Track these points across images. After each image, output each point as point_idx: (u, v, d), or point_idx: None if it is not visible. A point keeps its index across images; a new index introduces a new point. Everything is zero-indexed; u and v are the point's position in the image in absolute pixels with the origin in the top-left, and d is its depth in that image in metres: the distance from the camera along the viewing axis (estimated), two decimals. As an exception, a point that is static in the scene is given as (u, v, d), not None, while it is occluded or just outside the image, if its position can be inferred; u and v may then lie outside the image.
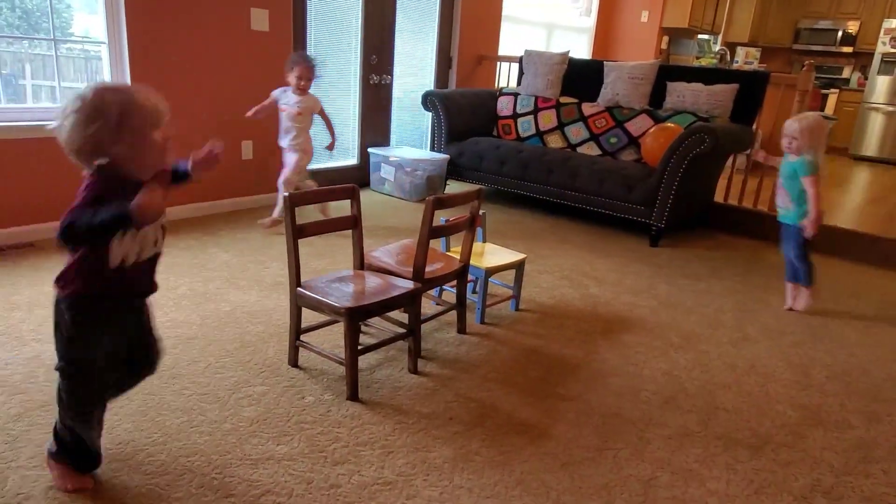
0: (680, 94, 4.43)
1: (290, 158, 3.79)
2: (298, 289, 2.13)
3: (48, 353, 2.22)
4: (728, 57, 7.87)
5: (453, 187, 5.18)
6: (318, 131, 3.92)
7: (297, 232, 2.10)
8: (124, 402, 1.95)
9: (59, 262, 3.09)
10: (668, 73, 4.60)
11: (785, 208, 3.07)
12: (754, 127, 4.42)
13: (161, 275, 3.00)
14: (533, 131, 5.01)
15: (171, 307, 2.66)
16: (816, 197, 2.91)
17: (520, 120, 5.10)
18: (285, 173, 3.78)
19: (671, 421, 2.10)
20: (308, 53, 4.04)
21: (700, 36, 8.25)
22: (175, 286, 2.87)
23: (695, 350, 2.64)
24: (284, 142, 3.82)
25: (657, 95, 4.58)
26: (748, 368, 2.52)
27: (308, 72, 3.68)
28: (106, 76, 3.51)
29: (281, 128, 3.82)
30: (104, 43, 3.46)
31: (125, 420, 1.87)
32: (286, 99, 3.75)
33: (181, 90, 3.75)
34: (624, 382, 2.32)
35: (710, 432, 2.06)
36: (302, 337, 2.25)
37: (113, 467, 1.67)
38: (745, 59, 7.71)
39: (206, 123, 3.91)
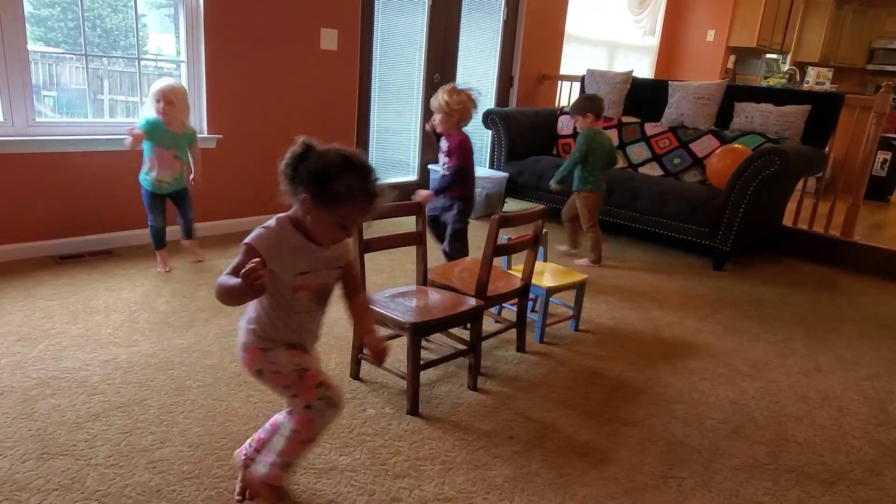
0: (748, 114, 4.33)
1: None
2: (363, 302, 2.16)
3: (124, 355, 2.32)
4: (797, 77, 7.64)
5: (511, 205, 5.18)
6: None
7: (364, 246, 2.14)
8: (195, 406, 2.03)
9: (134, 270, 3.23)
10: (735, 93, 4.50)
11: (175, 178, 3.18)
12: (826, 150, 4.27)
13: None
14: (593, 150, 4.96)
15: (238, 316, 2.73)
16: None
17: (580, 139, 5.06)
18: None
19: (739, 451, 2.03)
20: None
21: (768, 55, 8.05)
22: (241, 295, 2.96)
23: (763, 379, 2.55)
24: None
25: (724, 116, 4.48)
26: (821, 400, 2.42)
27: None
28: (183, 93, 3.68)
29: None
30: (182, 61, 3.63)
31: (195, 424, 1.93)
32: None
33: (252, 106, 3.89)
34: (689, 409, 2.26)
35: (781, 465, 1.98)
36: (363, 350, 2.28)
37: (184, 470, 1.72)
38: (817, 79, 7.44)
39: (275, 138, 4.05)
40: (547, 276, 2.76)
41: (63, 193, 3.30)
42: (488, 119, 5.03)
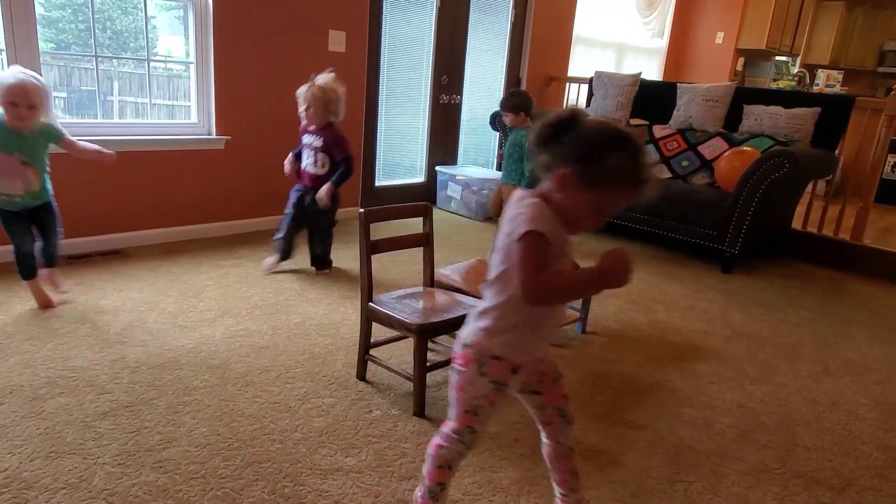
0: (757, 117, 4.31)
1: None
2: (370, 304, 2.16)
3: (133, 355, 2.33)
4: (807, 79, 7.60)
5: (518, 207, 5.17)
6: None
7: (371, 248, 2.14)
8: (201, 406, 2.03)
9: (143, 270, 3.24)
10: (744, 95, 4.48)
11: (30, 192, 2.54)
12: (836, 153, 4.24)
13: (235, 285, 3.12)
14: (601, 153, 4.95)
15: (244, 316, 2.75)
16: None
17: (588, 141, 5.05)
18: None
19: (747, 456, 2.02)
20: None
21: (778, 58, 8.01)
22: (248, 296, 2.97)
23: (772, 383, 2.53)
24: None
25: (732, 118, 4.46)
26: (830, 405, 2.40)
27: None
28: (192, 93, 3.70)
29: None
30: (192, 63, 3.65)
31: (202, 424, 1.94)
32: None
33: (260, 108, 3.90)
34: (696, 413, 2.25)
35: (790, 470, 1.96)
36: (370, 351, 2.28)
37: (191, 469, 1.73)
38: (827, 81, 7.41)
39: (284, 138, 4.06)
40: (554, 278, 2.75)
41: (72, 193, 3.32)
42: (496, 121, 5.03)
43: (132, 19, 3.55)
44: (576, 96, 5.94)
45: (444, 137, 5.24)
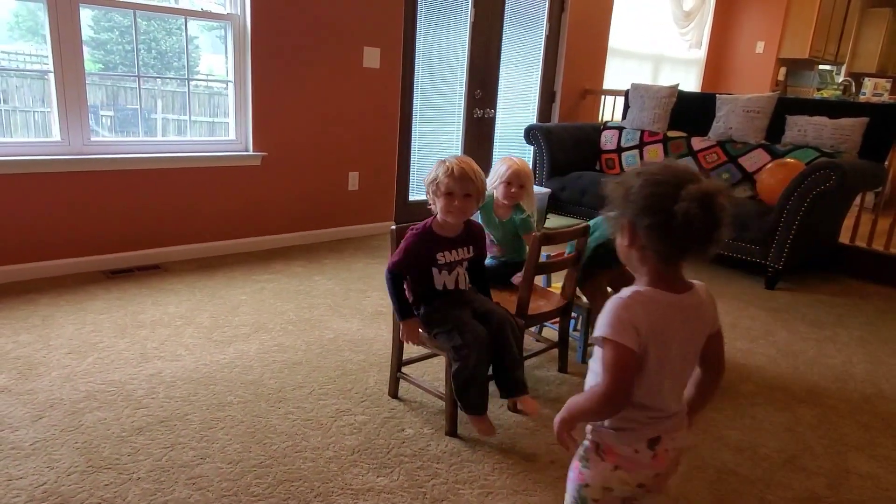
0: (801, 128, 4.18)
1: None
2: (402, 320, 2.14)
3: (168, 370, 2.35)
4: (853, 88, 7.37)
5: (553, 221, 5.11)
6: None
7: (403, 264, 2.12)
8: (235, 422, 2.03)
9: (181, 285, 3.28)
10: (787, 105, 4.36)
11: None
12: (886, 164, 4.08)
13: (269, 300, 3.14)
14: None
15: (278, 331, 2.76)
16: None
17: (624, 154, 4.98)
18: None
19: (795, 483, 1.92)
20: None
21: (821, 66, 7.80)
22: (282, 311, 2.98)
23: (821, 405, 2.42)
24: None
25: (775, 129, 4.34)
26: (884, 428, 2.28)
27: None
28: (230, 110, 3.76)
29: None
30: (230, 81, 3.72)
31: (235, 440, 1.94)
32: None
33: (296, 124, 3.95)
34: (741, 436, 2.16)
35: (842, 498, 1.86)
36: (402, 369, 2.26)
37: (223, 487, 1.72)
38: (874, 90, 7.17)
39: (318, 154, 4.10)
40: (590, 294, 2.69)
41: (115, 209, 3.40)
42: (530, 135, 4.99)
43: (176, 40, 3.64)
44: (611, 109, 5.87)
45: (477, 152, 5.22)
